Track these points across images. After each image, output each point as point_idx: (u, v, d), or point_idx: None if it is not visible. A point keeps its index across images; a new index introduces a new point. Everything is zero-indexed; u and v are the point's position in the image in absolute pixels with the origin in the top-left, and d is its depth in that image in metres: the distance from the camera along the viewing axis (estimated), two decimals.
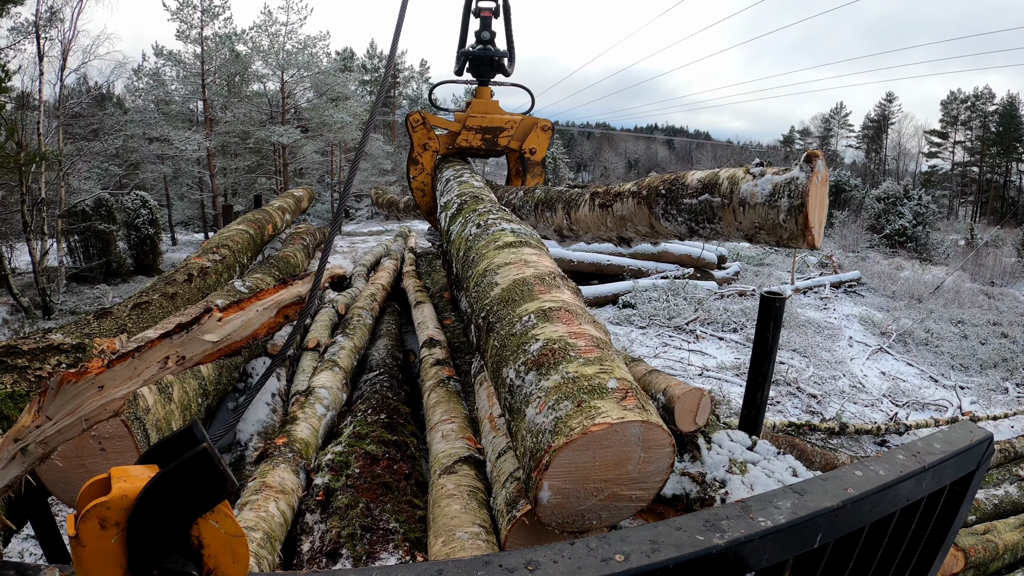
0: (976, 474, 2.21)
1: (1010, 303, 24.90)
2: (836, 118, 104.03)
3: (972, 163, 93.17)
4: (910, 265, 33.94)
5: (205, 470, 1.07)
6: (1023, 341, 17.51)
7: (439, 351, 4.04)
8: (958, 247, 45.36)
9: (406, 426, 3.25)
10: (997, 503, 5.36)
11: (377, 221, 56.95)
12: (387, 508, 2.44)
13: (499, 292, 2.48)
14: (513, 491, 2.19)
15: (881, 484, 1.72)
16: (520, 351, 2.06)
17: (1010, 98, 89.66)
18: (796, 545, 1.53)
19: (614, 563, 1.23)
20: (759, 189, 2.64)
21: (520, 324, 2.20)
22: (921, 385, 13.13)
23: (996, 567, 4.63)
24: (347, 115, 45.48)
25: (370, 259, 7.97)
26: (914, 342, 16.34)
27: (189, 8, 40.16)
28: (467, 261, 3.03)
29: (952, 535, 2.27)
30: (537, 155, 5.38)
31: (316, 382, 3.63)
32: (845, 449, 6.63)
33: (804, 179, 2.47)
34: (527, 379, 1.94)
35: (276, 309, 2.03)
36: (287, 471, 2.66)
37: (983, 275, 34.02)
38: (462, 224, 3.49)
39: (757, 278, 23.44)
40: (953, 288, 25.86)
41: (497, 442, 2.58)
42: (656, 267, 20.30)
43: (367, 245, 28.29)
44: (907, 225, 41.84)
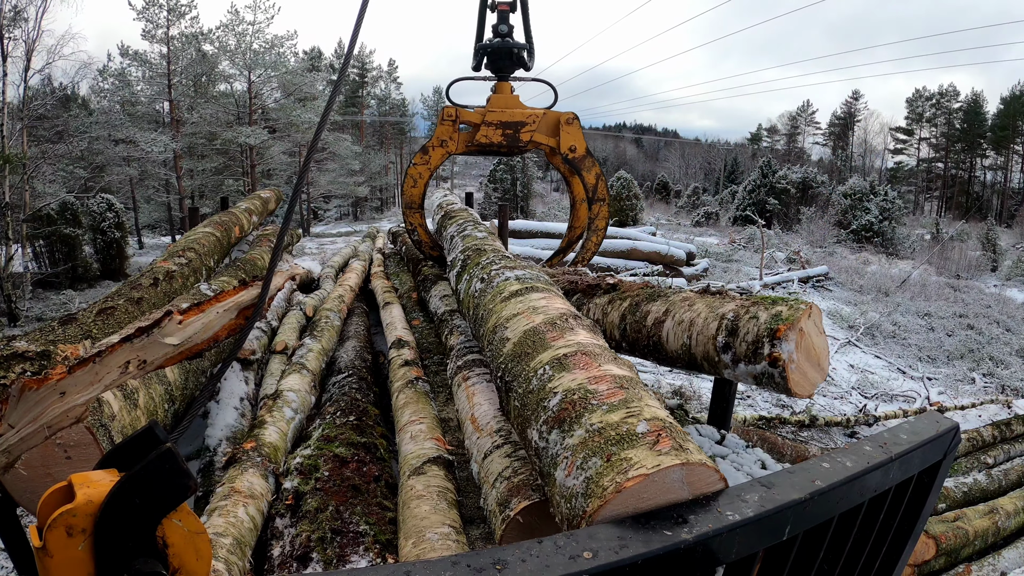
0: (943, 463, 2.23)
1: (975, 296, 25.36)
2: (803, 116, 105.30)
3: (937, 159, 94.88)
4: (877, 260, 34.43)
5: (170, 470, 1.07)
6: (989, 332, 17.82)
7: (407, 352, 4.02)
8: (924, 241, 46.07)
9: (375, 428, 3.23)
10: (966, 491, 5.44)
11: (346, 222, 56.72)
12: (357, 511, 2.42)
13: (511, 348, 2.38)
14: (504, 491, 2.16)
15: (848, 475, 1.72)
16: (540, 409, 1.95)
17: (974, 95, 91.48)
18: (765, 538, 1.54)
19: (582, 560, 1.23)
20: (742, 377, 2.65)
21: (536, 379, 2.08)
22: (889, 377, 13.30)
23: (967, 553, 4.70)
24: (315, 115, 45.21)
25: (338, 260, 7.92)
26: (882, 335, 16.56)
27: (155, 7, 39.70)
28: (477, 319, 2.94)
29: (921, 523, 2.30)
30: (579, 151, 5.29)
31: (284, 385, 3.59)
32: (815, 441, 6.70)
33: (779, 376, 2.47)
34: (551, 439, 1.81)
35: (236, 311, 2.01)
36: (256, 475, 2.62)
37: (949, 269, 34.58)
38: (467, 281, 3.42)
39: (726, 274, 23.64)
40: (919, 282, 26.27)
41: (482, 443, 2.55)
42: (626, 265, 20.39)
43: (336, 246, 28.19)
44: (874, 220, 42.43)
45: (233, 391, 3.79)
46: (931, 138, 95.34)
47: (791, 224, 47.04)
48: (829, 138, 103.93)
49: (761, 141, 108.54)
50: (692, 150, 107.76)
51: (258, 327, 4.55)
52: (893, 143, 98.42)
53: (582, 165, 5.31)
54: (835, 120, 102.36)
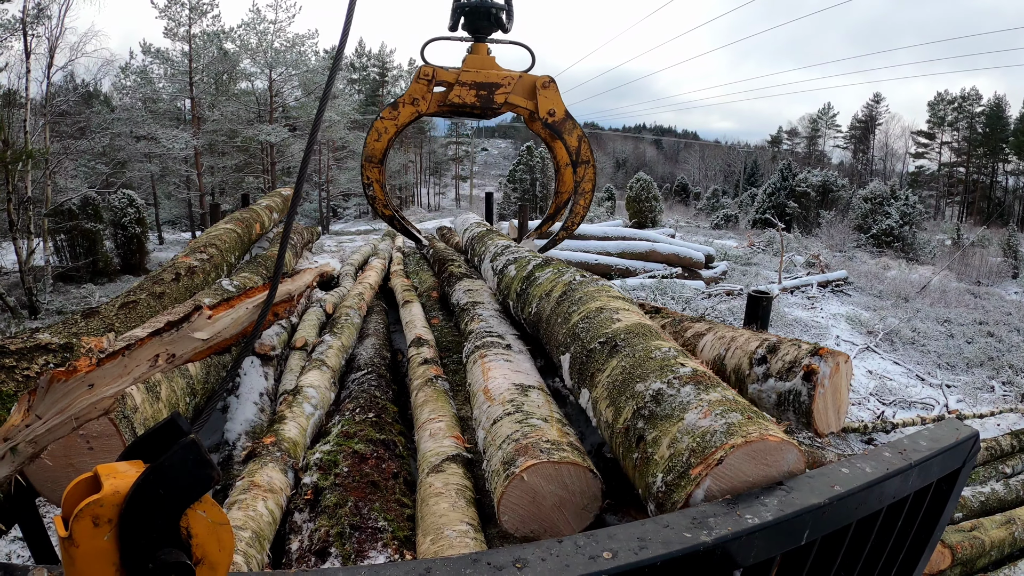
0: (962, 471, 2.22)
1: (996, 302, 25.10)
2: (824, 119, 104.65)
3: (959, 164, 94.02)
4: (897, 265, 34.13)
5: (193, 461, 1.08)
6: (1009, 340, 17.63)
7: (427, 350, 4.02)
8: (944, 247, 45.65)
9: (394, 425, 3.24)
10: (983, 500, 5.40)
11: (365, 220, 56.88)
12: (375, 507, 2.43)
13: (624, 326, 2.61)
14: (511, 451, 2.20)
15: (868, 481, 1.73)
16: (667, 371, 2.14)
17: (997, 99, 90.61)
18: (783, 542, 1.54)
19: (602, 560, 1.24)
20: (765, 396, 2.65)
21: (660, 352, 2.30)
22: (908, 384, 13.19)
23: (983, 564, 4.66)
24: (335, 114, 45.44)
25: (358, 258, 7.92)
26: (901, 341, 16.43)
27: (177, 5, 40.02)
28: (572, 300, 3.14)
29: (939, 532, 2.29)
30: (558, 115, 5.19)
31: (304, 381, 3.60)
32: (832, 447, 6.65)
33: (807, 396, 2.46)
34: (683, 391, 2.00)
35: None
36: (275, 470, 2.64)
37: (969, 275, 34.28)
38: (556, 273, 3.67)
39: (744, 277, 23.53)
40: (940, 287, 26.03)
41: (493, 410, 2.61)
42: (644, 266, 20.35)
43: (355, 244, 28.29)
44: (894, 225, 42.10)
45: (253, 386, 3.81)
46: (953, 142, 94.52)
47: (811, 228, 46.80)
48: (850, 141, 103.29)
49: (781, 144, 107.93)
50: (712, 152, 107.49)
51: (278, 323, 4.58)
52: (914, 147, 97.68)
53: (563, 128, 5.23)
54: (856, 123, 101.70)
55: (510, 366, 3.09)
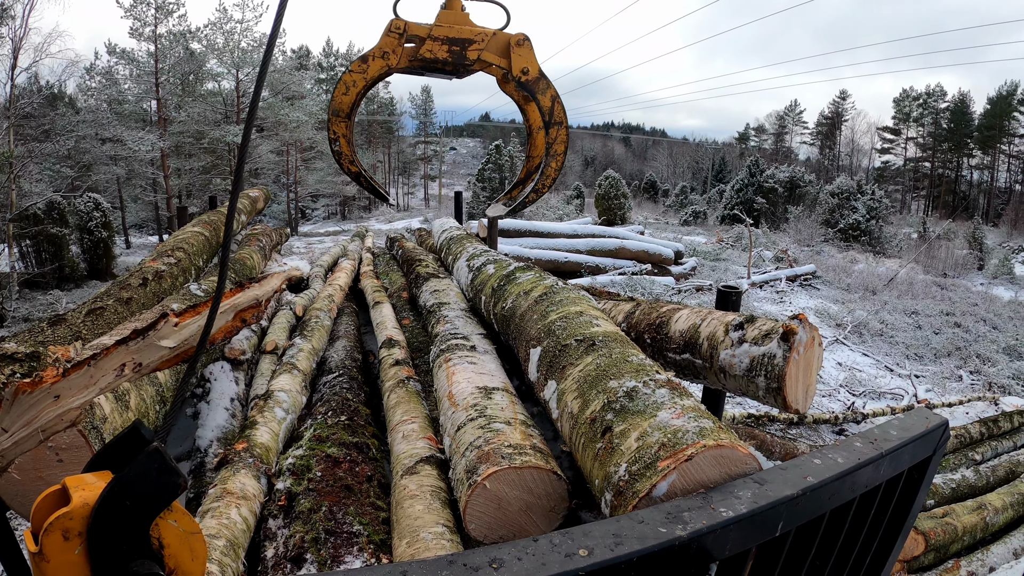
0: (933, 459, 2.25)
1: (962, 294, 25.51)
2: (790, 115, 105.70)
3: (924, 159, 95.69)
4: (864, 258, 34.57)
5: (158, 469, 1.07)
6: (975, 330, 17.92)
7: (398, 351, 4.01)
8: (911, 240, 46.33)
9: (367, 427, 3.22)
10: (954, 487, 5.47)
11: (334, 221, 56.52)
12: (350, 511, 2.42)
13: (602, 331, 2.65)
14: (473, 458, 2.20)
15: (840, 471, 1.74)
16: (643, 373, 2.19)
17: (961, 96, 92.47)
18: (758, 534, 1.55)
19: (578, 558, 1.23)
20: (737, 361, 2.64)
21: (637, 359, 2.35)
22: (877, 374, 13.35)
23: (956, 549, 4.73)
24: (303, 114, 45.09)
25: (328, 260, 7.87)
26: (869, 333, 16.62)
27: (143, 5, 39.47)
28: (552, 300, 3.16)
29: (911, 519, 2.31)
30: (532, 73, 5.02)
31: (275, 385, 3.57)
32: (804, 439, 6.73)
33: (781, 359, 2.46)
34: (658, 391, 2.04)
35: (233, 313, 2.00)
36: (248, 476, 2.61)
37: (936, 267, 34.78)
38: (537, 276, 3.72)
39: (714, 273, 23.68)
40: (906, 280, 26.39)
41: (457, 416, 2.59)
42: (614, 263, 20.39)
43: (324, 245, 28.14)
44: (861, 219, 42.65)
45: (223, 391, 3.78)
46: (918, 137, 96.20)
47: (779, 223, 47.23)
48: (816, 137, 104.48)
49: (749, 140, 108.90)
50: (680, 149, 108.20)
51: (248, 328, 4.53)
52: (880, 142, 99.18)
53: (536, 87, 5.10)
54: (822, 120, 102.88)
55: (474, 368, 3.08)
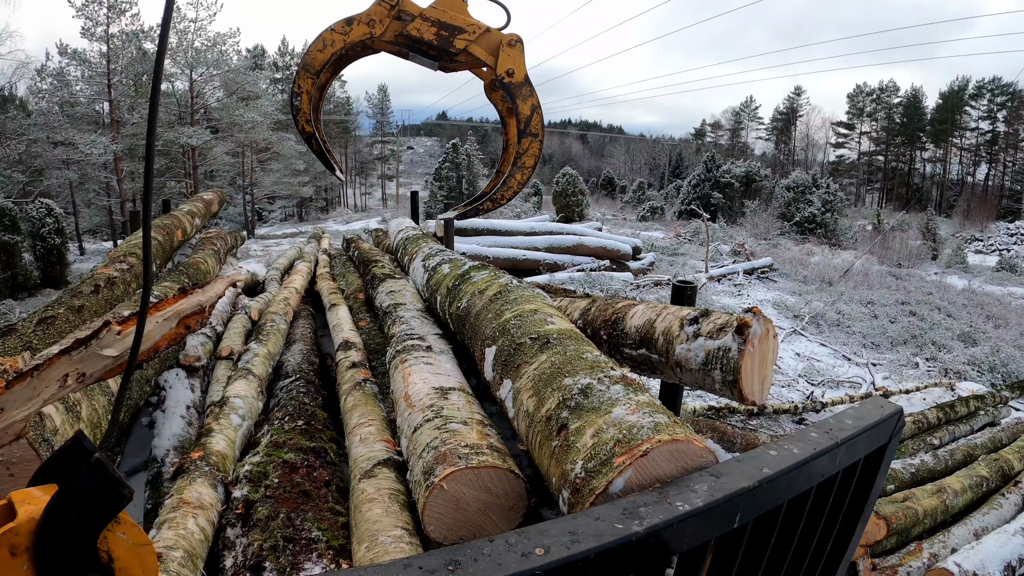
0: (888, 447, 2.28)
1: (917, 283, 26.07)
2: (746, 111, 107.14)
3: (878, 152, 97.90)
4: (820, 250, 35.18)
5: (101, 480, 1.04)
6: (930, 318, 18.29)
7: (355, 353, 3.98)
8: (866, 232, 47.25)
9: (324, 432, 3.18)
10: (914, 471, 5.57)
11: (291, 223, 55.97)
12: (309, 517, 2.39)
13: (557, 328, 2.64)
14: (430, 459, 2.18)
15: (796, 462, 1.75)
16: (598, 370, 2.18)
17: (914, 91, 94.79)
18: (716, 526, 1.56)
19: (535, 557, 1.22)
20: (693, 355, 2.65)
21: (592, 356, 2.35)
22: (835, 364, 13.54)
23: (918, 531, 4.81)
24: (258, 115, 44.45)
25: (284, 262, 7.78)
26: (826, 323, 16.86)
27: (95, 4, 38.60)
28: (507, 299, 3.15)
29: (870, 505, 2.34)
30: (517, 76, 5.04)
31: (230, 392, 3.52)
32: (765, 429, 6.81)
33: (736, 352, 2.47)
34: (613, 388, 2.03)
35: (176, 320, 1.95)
36: (204, 485, 2.57)
37: (890, 258, 35.52)
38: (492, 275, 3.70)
39: (672, 268, 23.86)
40: (862, 271, 26.87)
41: (413, 417, 2.58)
42: (572, 260, 20.42)
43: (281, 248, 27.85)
44: (816, 212, 43.38)
45: (179, 399, 3.71)
46: (872, 132, 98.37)
47: (735, 217, 47.82)
48: (772, 133, 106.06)
49: (705, 136, 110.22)
50: (637, 146, 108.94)
51: (203, 333, 4.47)
52: (835, 137, 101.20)
53: (518, 93, 5.08)
54: (778, 115, 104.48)
55: (431, 369, 3.07)
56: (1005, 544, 4.62)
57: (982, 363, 14.10)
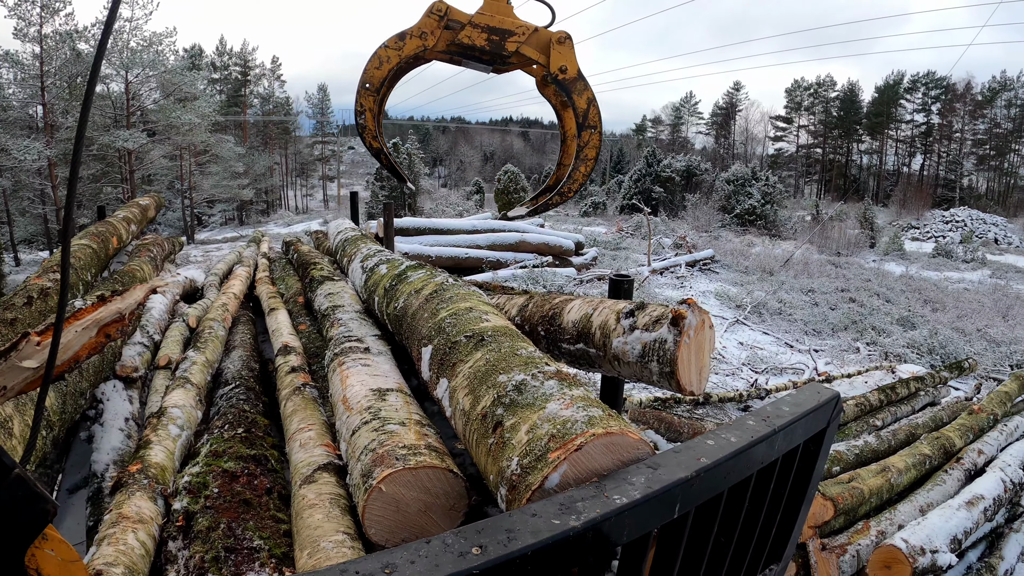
0: (827, 431, 2.32)
1: (856, 271, 26.75)
2: (686, 106, 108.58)
3: (815, 145, 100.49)
4: (761, 241, 35.86)
5: (23, 497, 1.02)
6: (870, 304, 18.78)
7: (294, 358, 3.93)
8: (805, 222, 48.33)
9: (265, 439, 3.14)
10: (858, 453, 5.68)
11: (231, 227, 55.03)
12: (250, 526, 2.35)
13: (492, 326, 2.62)
14: (368, 462, 2.17)
15: (734, 450, 1.77)
16: (532, 366, 2.17)
17: (850, 85, 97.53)
18: (655, 517, 1.56)
19: (472, 557, 1.21)
20: (630, 348, 2.66)
21: (526, 352, 2.34)
22: (778, 352, 13.78)
23: (864, 510, 4.91)
24: (195, 116, 43.51)
25: (222, 267, 7.64)
26: (768, 312, 17.17)
27: (27, 3, 37.33)
28: (442, 298, 3.14)
29: (813, 488, 2.38)
30: (570, 72, 5.03)
31: (169, 402, 3.45)
32: (711, 417, 6.88)
33: (672, 343, 2.48)
34: (547, 383, 2.02)
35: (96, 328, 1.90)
36: (143, 499, 2.51)
37: (830, 247, 36.39)
38: (428, 274, 3.68)
39: (615, 262, 24.07)
40: (802, 260, 27.45)
41: (351, 420, 2.56)
42: (515, 257, 20.47)
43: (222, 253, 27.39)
44: (756, 204, 44.21)
45: (117, 412, 3.63)
46: (809, 125, 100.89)
47: (677, 211, 48.44)
48: (712, 127, 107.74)
49: (646, 132, 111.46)
50: None
51: (140, 342, 4.37)
52: (773, 131, 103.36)
53: (573, 88, 5.10)
54: (717, 110, 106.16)
55: (368, 371, 3.05)
56: (950, 518, 4.75)
57: (921, 346, 14.51)
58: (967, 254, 38.53)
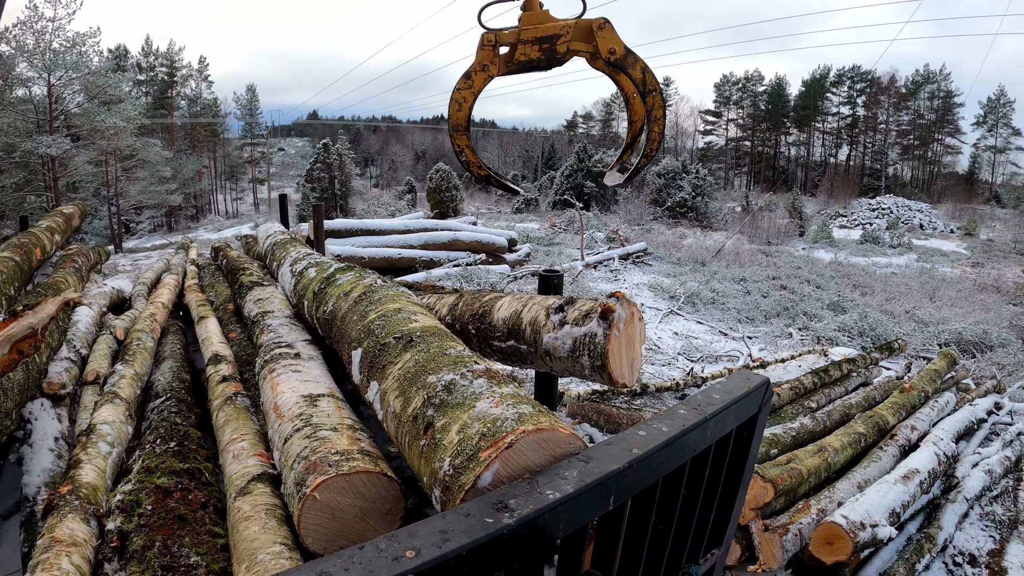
0: (759, 416, 2.37)
1: (786, 259, 27.43)
2: (616, 102, 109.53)
3: (744, 138, 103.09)
4: (692, 233, 36.48)
5: None
6: (800, 291, 19.25)
7: (225, 367, 3.84)
8: (735, 213, 49.32)
9: (198, 451, 3.06)
10: (795, 434, 5.82)
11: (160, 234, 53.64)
12: (186, 542, 2.30)
13: (420, 326, 2.63)
14: (301, 470, 2.15)
15: (665, 440, 1.79)
16: (461, 365, 2.18)
17: (778, 79, 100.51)
18: (590, 510, 1.58)
19: (406, 560, 1.21)
20: (560, 343, 2.67)
21: (455, 351, 2.35)
22: (713, 340, 14.00)
23: (804, 490, 5.04)
24: (120, 120, 42.06)
25: (150, 276, 7.43)
26: (702, 302, 17.43)
27: None
28: (371, 300, 3.13)
29: (748, 472, 2.43)
30: (619, 52, 5.19)
31: (98, 418, 3.35)
32: (649, 407, 6.95)
33: (602, 337, 2.50)
34: (476, 382, 2.02)
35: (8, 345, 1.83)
36: (76, 521, 2.43)
37: (760, 236, 37.21)
38: (357, 276, 3.67)
39: (548, 258, 24.17)
40: (733, 250, 28.01)
41: (283, 428, 2.53)
42: (448, 256, 20.38)
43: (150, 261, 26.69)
44: (687, 197, 44.96)
45: (47, 431, 3.51)
46: (738, 119, 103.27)
47: (609, 205, 48.86)
48: None
49: (577, 128, 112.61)
50: (510, 139, 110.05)
51: (67, 357, 4.23)
52: (703, 125, 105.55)
53: (625, 63, 5.26)
54: None
55: (299, 377, 3.02)
56: (887, 493, 4.90)
57: (852, 329, 14.91)
58: (893, 240, 39.81)
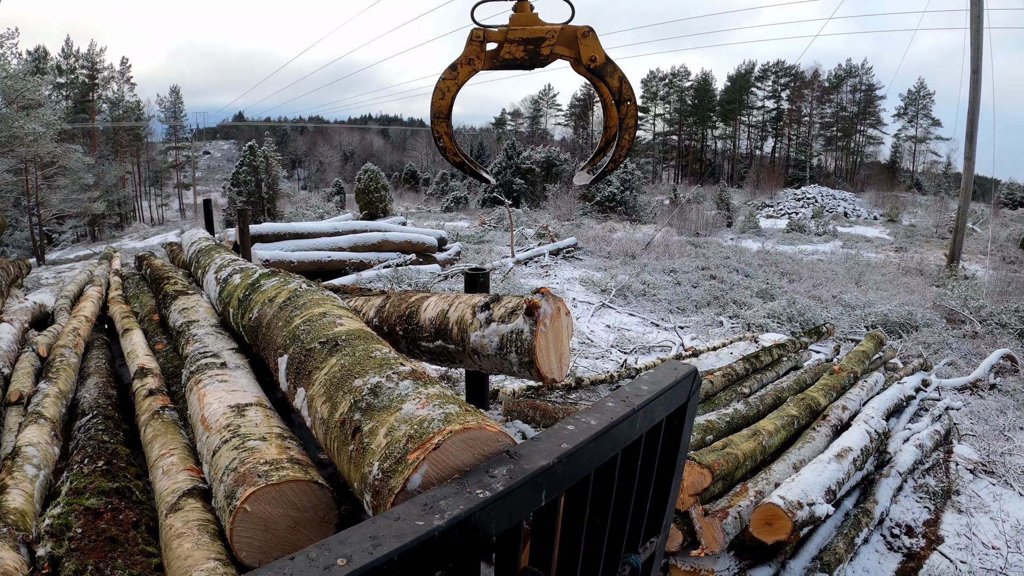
0: (688, 405, 2.41)
1: (715, 250, 27.91)
2: (545, 99, 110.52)
3: (672, 132, 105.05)
4: (622, 227, 36.88)
5: None
6: (730, 280, 19.63)
7: (151, 380, 3.74)
8: (664, 206, 50.07)
9: (128, 469, 2.98)
10: (729, 420, 5.92)
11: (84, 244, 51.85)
12: (119, 564, 2.24)
13: (346, 329, 2.61)
14: (231, 482, 2.11)
15: (594, 433, 1.81)
16: (387, 367, 2.17)
17: (704, 75, 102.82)
18: (522, 507, 1.59)
19: (337, 568, 1.20)
20: (488, 341, 2.68)
21: (380, 353, 2.34)
22: (645, 331, 14.13)
23: (741, 474, 5.13)
24: (39, 125, 40.38)
25: (73, 289, 7.18)
26: (633, 294, 17.61)
27: None
28: (296, 305, 3.11)
29: (681, 460, 2.48)
30: (599, 60, 5.38)
31: (22, 440, 3.23)
32: (584, 401, 7.00)
33: (529, 333, 2.52)
34: (402, 384, 2.01)
35: None
36: (5, 548, 2.34)
37: (689, 228, 37.87)
38: (281, 281, 3.64)
39: (479, 255, 24.11)
40: (663, 243, 28.42)
41: (211, 440, 2.48)
42: (378, 257, 20.21)
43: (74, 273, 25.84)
44: (616, 192, 45.43)
45: None
46: (665, 114, 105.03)
47: (538, 201, 49.05)
48: (570, 119, 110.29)
49: (505, 125, 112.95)
50: None
51: None
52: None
53: (604, 72, 5.47)
54: (575, 102, 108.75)
55: (226, 387, 2.97)
56: (822, 472, 5.05)
57: (780, 315, 15.24)
58: (819, 228, 40.95)
